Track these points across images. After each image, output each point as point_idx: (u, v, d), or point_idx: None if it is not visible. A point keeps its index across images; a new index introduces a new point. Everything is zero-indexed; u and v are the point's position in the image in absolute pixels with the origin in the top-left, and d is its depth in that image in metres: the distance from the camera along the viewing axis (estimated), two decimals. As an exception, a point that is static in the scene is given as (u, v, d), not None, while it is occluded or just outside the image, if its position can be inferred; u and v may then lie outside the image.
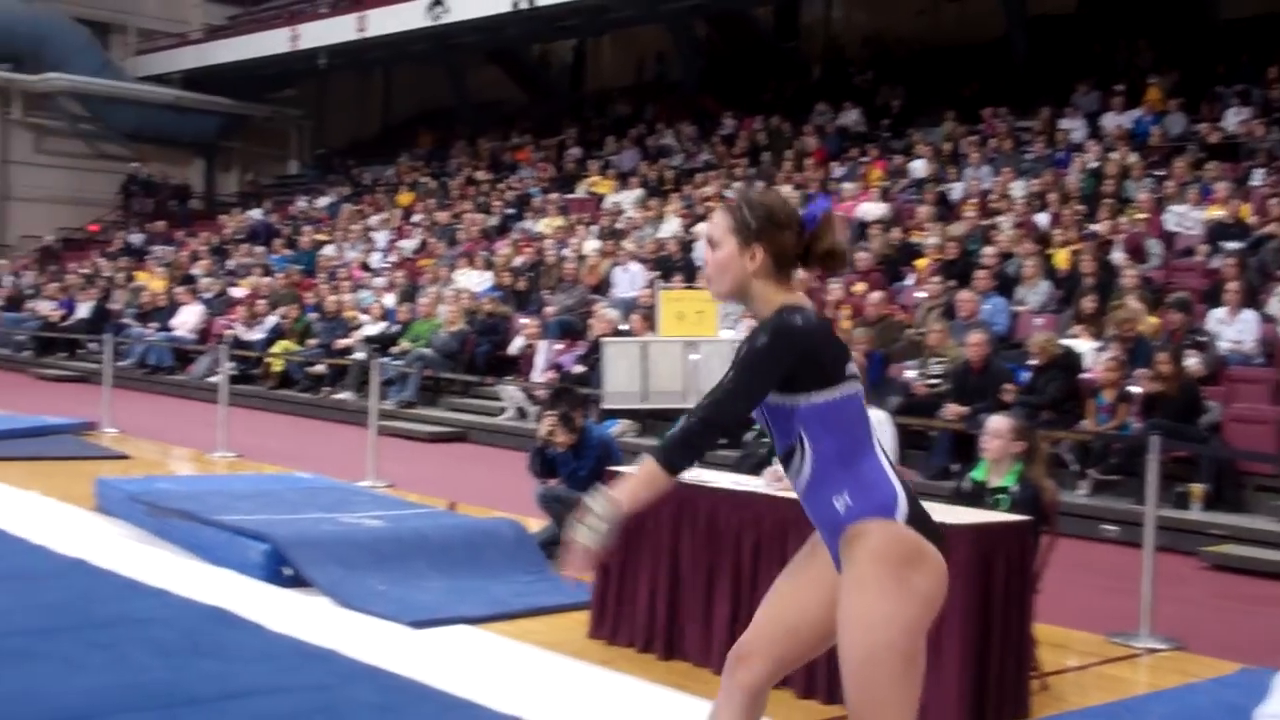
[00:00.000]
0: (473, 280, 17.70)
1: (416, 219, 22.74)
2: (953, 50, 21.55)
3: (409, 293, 17.66)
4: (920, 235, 15.04)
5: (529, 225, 20.22)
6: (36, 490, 9.27)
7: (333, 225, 24.10)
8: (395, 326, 16.51)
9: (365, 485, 9.97)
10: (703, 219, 17.50)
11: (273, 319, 17.99)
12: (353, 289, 18.55)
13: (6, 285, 25.24)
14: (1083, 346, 11.18)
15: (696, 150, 21.64)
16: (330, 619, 6.09)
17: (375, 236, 22.47)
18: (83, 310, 21.68)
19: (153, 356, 19.07)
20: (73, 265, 26.41)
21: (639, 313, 13.73)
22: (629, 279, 16.02)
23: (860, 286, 13.67)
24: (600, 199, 20.77)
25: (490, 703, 4.86)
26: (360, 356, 15.41)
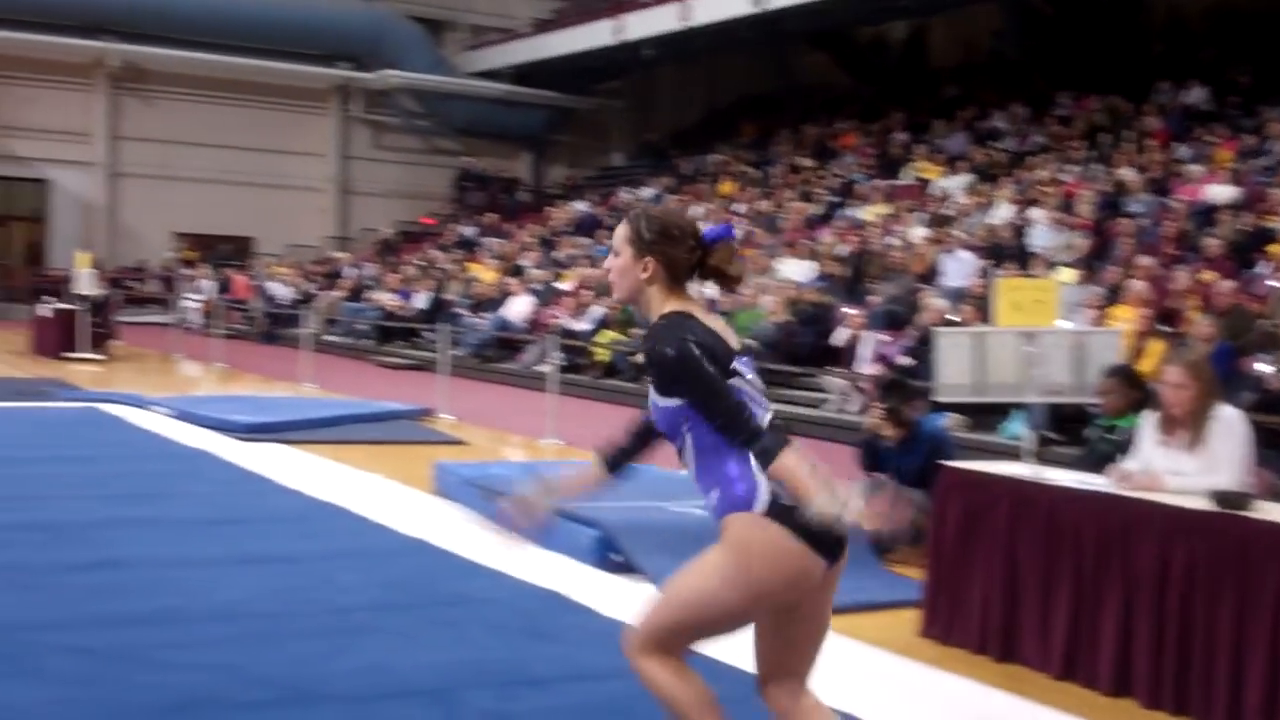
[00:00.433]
0: (796, 270, 17.57)
1: (739, 208, 22.77)
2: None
3: (731, 283, 17.64)
4: (1274, 220, 14.05)
5: (853, 213, 19.95)
6: (379, 473, 9.67)
7: (656, 216, 24.35)
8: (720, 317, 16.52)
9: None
10: (1036, 204, 16.90)
11: (598, 309, 18.32)
12: (676, 279, 18.66)
13: (349, 277, 26.61)
14: None
15: (1029, 132, 20.89)
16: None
17: (698, 227, 22.59)
18: (419, 300, 22.63)
19: (482, 346, 19.70)
20: (408, 257, 27.62)
21: (969, 302, 13.32)
22: (958, 267, 15.55)
23: (1209, 275, 12.87)
24: (927, 184, 20.30)
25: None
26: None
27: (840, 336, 14.77)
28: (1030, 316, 10.00)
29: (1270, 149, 16.37)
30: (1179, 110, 19.11)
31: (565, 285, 20.50)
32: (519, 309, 20.07)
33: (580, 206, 27.73)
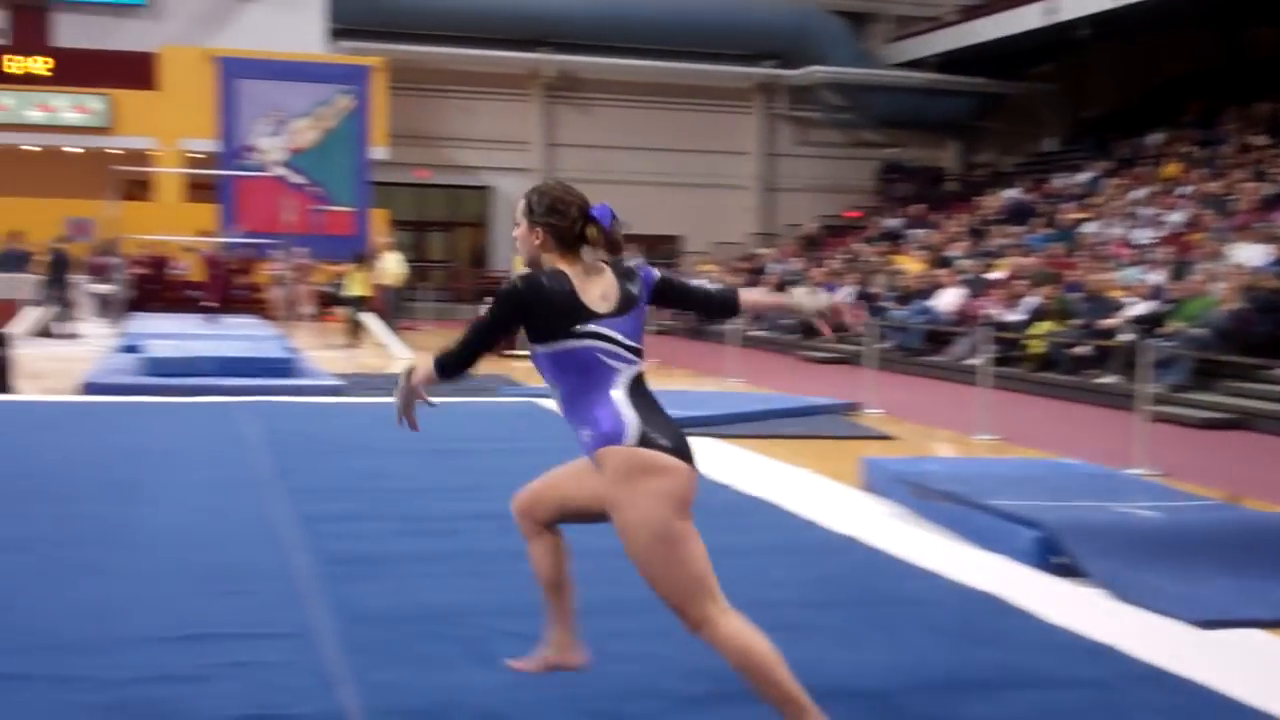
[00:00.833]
0: (1250, 254, 16.35)
1: (1184, 190, 21.45)
2: None
3: (1179, 269, 16.65)
4: None
5: (1314, 193, 18.40)
6: (806, 467, 9.61)
7: (1094, 201, 23.33)
8: (1164, 305, 15.60)
9: (1134, 473, 9.41)
10: None
11: (1032, 299, 17.68)
12: (1116, 266, 17.81)
13: (773, 272, 26.85)
14: None
15: None
16: (1106, 612, 5.72)
17: (1139, 211, 21.46)
18: (844, 294, 22.54)
19: (909, 339, 19.42)
20: (832, 251, 27.62)
21: None
22: None
23: None
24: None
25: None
26: (1127, 337, 14.70)
27: (1303, 325, 13.64)
28: None
29: None
30: None
31: (996, 275, 19.91)
32: (949, 300, 19.64)
33: (1011, 194, 26.92)
